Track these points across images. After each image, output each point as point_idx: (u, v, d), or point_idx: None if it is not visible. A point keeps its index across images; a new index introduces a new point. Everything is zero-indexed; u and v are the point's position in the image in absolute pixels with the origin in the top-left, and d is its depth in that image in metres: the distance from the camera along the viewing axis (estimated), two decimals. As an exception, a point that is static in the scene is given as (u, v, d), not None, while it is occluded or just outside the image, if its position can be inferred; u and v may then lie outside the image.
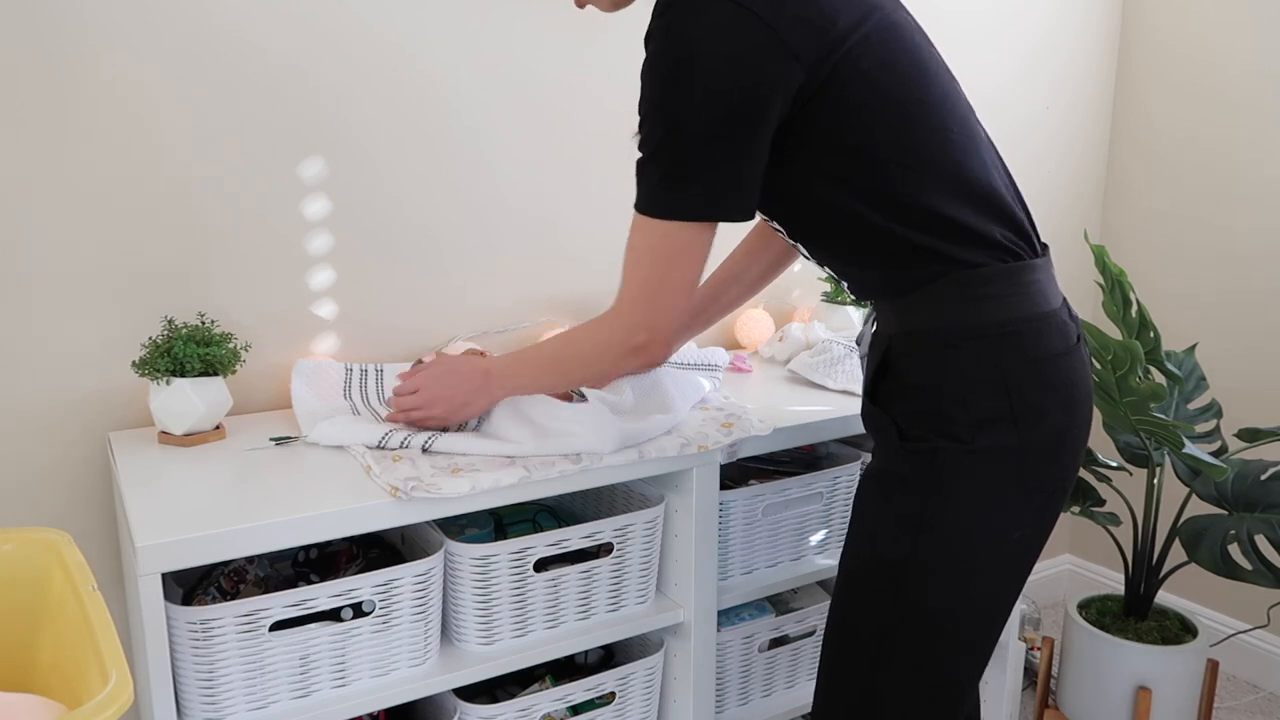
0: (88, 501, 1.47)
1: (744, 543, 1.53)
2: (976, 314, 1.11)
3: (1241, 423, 2.22)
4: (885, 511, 1.16)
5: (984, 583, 1.16)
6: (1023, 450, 1.11)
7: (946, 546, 1.13)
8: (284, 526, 1.11)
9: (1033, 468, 1.12)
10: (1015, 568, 1.18)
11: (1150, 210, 2.48)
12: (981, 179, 1.13)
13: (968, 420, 1.10)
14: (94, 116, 1.40)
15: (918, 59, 1.13)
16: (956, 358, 1.11)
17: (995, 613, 1.19)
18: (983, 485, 1.12)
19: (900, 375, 1.15)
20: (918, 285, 1.12)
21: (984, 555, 1.14)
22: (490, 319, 1.77)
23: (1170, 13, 2.38)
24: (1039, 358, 1.12)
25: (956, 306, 1.11)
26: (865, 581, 1.19)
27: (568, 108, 1.77)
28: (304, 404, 1.49)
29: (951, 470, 1.11)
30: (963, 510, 1.12)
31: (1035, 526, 1.16)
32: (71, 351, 1.44)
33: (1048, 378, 1.12)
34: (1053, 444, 1.13)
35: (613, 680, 1.43)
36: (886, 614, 1.16)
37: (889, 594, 1.16)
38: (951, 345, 1.11)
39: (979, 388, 1.10)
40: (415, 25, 1.61)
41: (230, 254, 1.53)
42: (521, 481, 1.23)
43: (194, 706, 1.14)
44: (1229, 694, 2.32)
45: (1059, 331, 1.14)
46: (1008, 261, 1.12)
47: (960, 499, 1.12)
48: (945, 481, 1.12)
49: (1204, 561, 1.82)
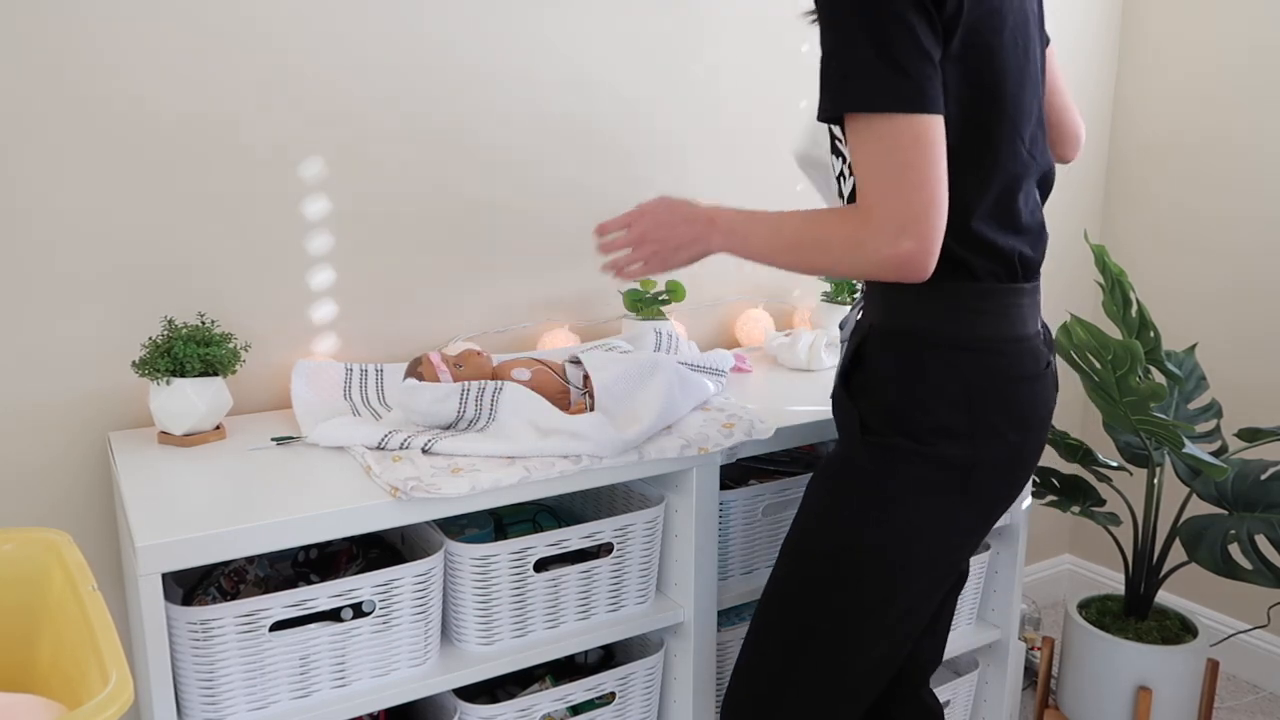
0: (88, 501, 1.47)
1: (744, 543, 1.53)
2: (962, 326, 1.13)
3: (1241, 423, 2.22)
4: (836, 499, 1.19)
5: (913, 583, 1.19)
6: (973, 465, 1.13)
7: (888, 542, 1.15)
8: (284, 526, 1.11)
9: (980, 481, 1.15)
10: (944, 573, 1.22)
11: (1150, 210, 2.48)
12: (1022, 201, 1.14)
13: (927, 425, 1.12)
14: (94, 116, 1.40)
15: (1015, 52, 1.10)
16: (930, 363, 1.13)
17: (915, 613, 1.22)
18: (931, 489, 1.14)
19: (872, 368, 1.17)
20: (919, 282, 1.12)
21: (920, 557, 1.17)
22: (490, 319, 1.77)
23: (1170, 13, 2.38)
24: (1006, 380, 1.14)
25: (947, 314, 1.13)
26: (804, 563, 1.22)
27: (568, 107, 1.77)
28: (304, 404, 1.49)
29: (904, 470, 1.13)
30: (909, 510, 1.14)
31: (970, 537, 1.20)
32: (71, 351, 1.44)
33: (1009, 400, 1.14)
34: (1003, 462, 1.16)
35: (613, 680, 1.43)
36: (817, 596, 1.19)
37: (824, 579, 1.19)
38: (930, 349, 1.13)
39: (943, 397, 1.12)
40: (415, 24, 1.61)
41: (230, 254, 1.53)
42: (521, 481, 1.23)
43: (194, 706, 1.14)
44: (1229, 694, 2.32)
45: (1031, 356, 1.17)
46: (1004, 283, 1.14)
47: (908, 499, 1.14)
48: (898, 480, 1.14)
49: (1204, 561, 1.82)
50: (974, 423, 1.12)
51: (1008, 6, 1.09)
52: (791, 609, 1.22)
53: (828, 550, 1.19)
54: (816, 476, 1.23)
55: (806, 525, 1.23)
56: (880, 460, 1.14)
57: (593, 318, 1.86)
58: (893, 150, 1.00)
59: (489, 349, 1.73)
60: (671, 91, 1.86)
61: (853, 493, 1.17)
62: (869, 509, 1.16)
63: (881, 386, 1.16)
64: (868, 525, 1.16)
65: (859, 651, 1.20)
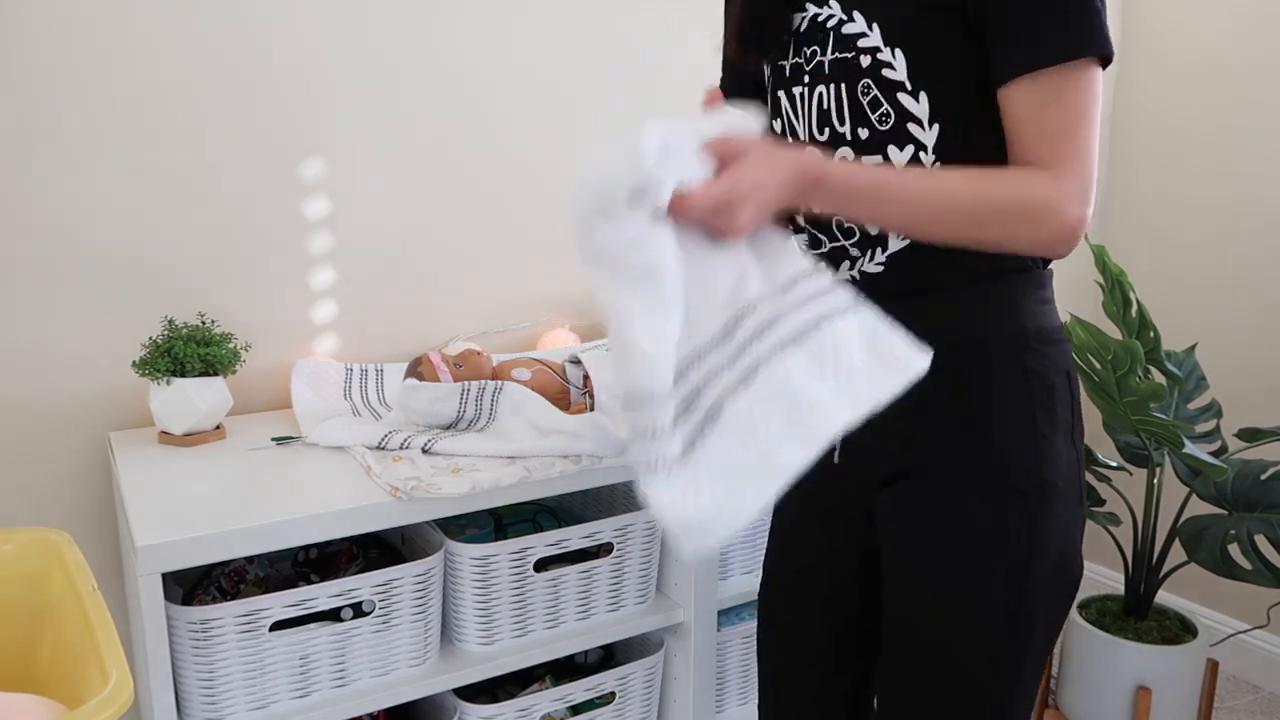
0: (88, 501, 1.47)
1: (744, 543, 1.53)
2: (1045, 317, 1.01)
3: (1241, 423, 2.22)
4: (985, 544, 0.98)
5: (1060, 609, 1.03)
6: (1079, 464, 1.02)
7: (1049, 578, 0.99)
8: (284, 526, 1.11)
9: (1080, 483, 1.03)
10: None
11: (1150, 210, 2.48)
12: None
13: (1053, 435, 0.99)
14: (94, 117, 1.40)
15: None
16: (1041, 365, 0.99)
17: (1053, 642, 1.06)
18: (1070, 510, 1.00)
19: (981, 388, 0.99)
20: (991, 276, 0.98)
21: (1069, 580, 1.02)
22: (490, 319, 1.77)
23: (1170, 11, 2.38)
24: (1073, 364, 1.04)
25: (1030, 308, 1.00)
26: (982, 627, 0.99)
27: (568, 108, 1.77)
28: (304, 404, 1.49)
29: (1049, 500, 0.98)
30: (1060, 535, 0.99)
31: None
32: (71, 351, 1.44)
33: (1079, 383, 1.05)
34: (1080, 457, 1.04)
35: (613, 680, 1.43)
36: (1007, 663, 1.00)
37: (1008, 640, 0.99)
38: (1032, 350, 0.99)
39: (1059, 397, 1.00)
40: (416, 24, 1.61)
41: (230, 254, 1.53)
42: (521, 481, 1.23)
43: (194, 706, 1.14)
44: (1229, 694, 2.32)
45: None
46: (1047, 267, 1.03)
47: (1060, 530, 0.99)
48: (1045, 514, 0.98)
49: (1204, 561, 1.82)
50: (1074, 416, 1.01)
51: None
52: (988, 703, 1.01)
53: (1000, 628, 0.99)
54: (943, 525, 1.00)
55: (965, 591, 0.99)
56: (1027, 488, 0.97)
57: (593, 318, 1.86)
58: (1093, 105, 0.91)
59: (489, 349, 1.72)
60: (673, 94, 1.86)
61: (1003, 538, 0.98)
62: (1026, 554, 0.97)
63: (1004, 404, 0.98)
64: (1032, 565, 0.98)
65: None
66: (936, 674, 1.01)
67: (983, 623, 0.98)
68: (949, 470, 0.99)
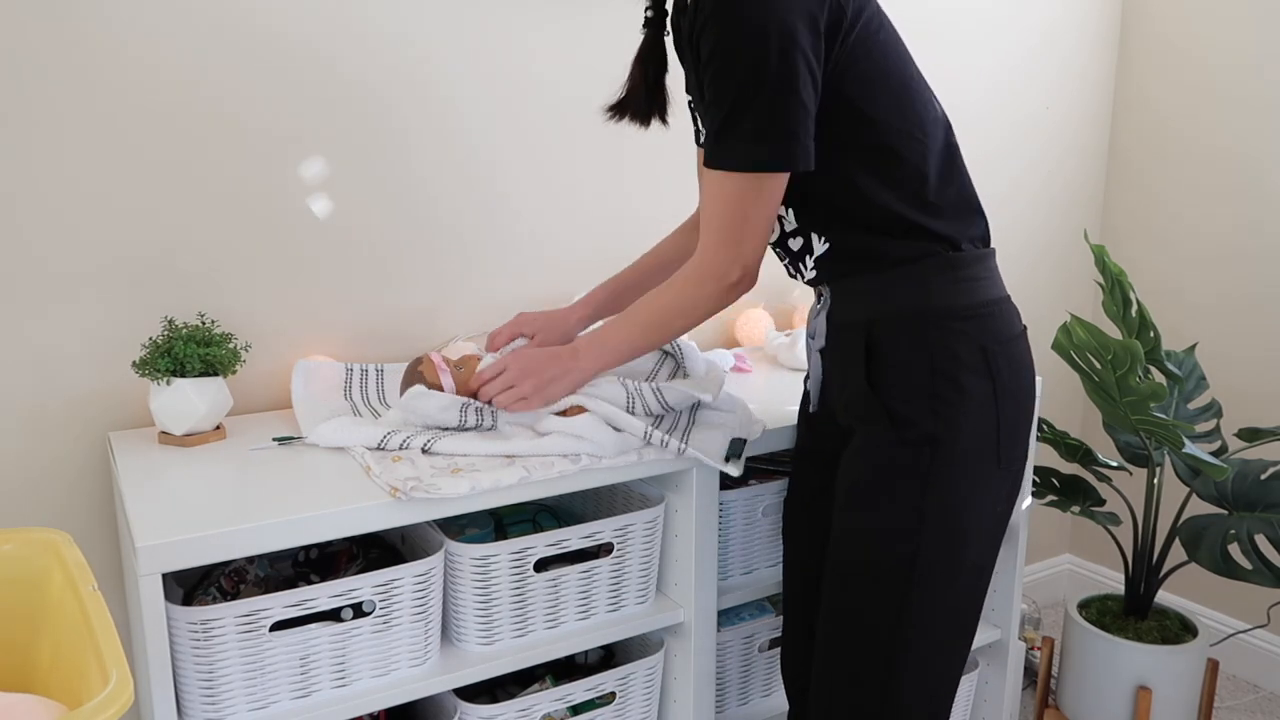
0: (88, 501, 1.47)
1: (744, 543, 1.53)
2: (958, 295, 1.17)
3: (1241, 423, 2.22)
4: (888, 503, 1.18)
5: (975, 558, 1.21)
6: (999, 430, 1.17)
7: (948, 533, 1.17)
8: (284, 526, 1.11)
9: (1007, 447, 1.18)
10: (995, 544, 1.24)
11: (1150, 210, 2.48)
12: (964, 167, 1.22)
13: (960, 401, 1.15)
14: (94, 115, 1.40)
15: (904, 48, 1.21)
16: (945, 339, 1.16)
17: (981, 591, 1.24)
18: (972, 467, 1.17)
19: (887, 359, 1.18)
20: (899, 264, 1.17)
21: (974, 535, 1.19)
22: (490, 319, 1.77)
23: (1171, 11, 2.38)
24: (1008, 337, 1.19)
25: (940, 288, 1.17)
26: (873, 576, 1.19)
27: (569, 108, 1.77)
28: (304, 404, 1.49)
29: (945, 456, 1.15)
30: (959, 493, 1.17)
31: (1006, 506, 1.23)
32: (72, 351, 1.44)
33: (1015, 357, 1.19)
34: (1019, 423, 1.20)
35: (613, 680, 1.43)
36: (899, 607, 1.18)
37: (900, 586, 1.17)
38: (939, 326, 1.16)
39: (968, 367, 1.15)
40: (418, 24, 1.61)
41: (230, 254, 1.53)
42: (521, 481, 1.23)
43: (194, 706, 1.14)
44: (1229, 694, 2.32)
45: (1014, 315, 1.23)
46: (978, 248, 1.21)
47: (954, 483, 1.16)
48: (939, 468, 1.15)
49: (1204, 561, 1.82)
50: (996, 385, 1.16)
51: None
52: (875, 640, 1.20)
53: (893, 576, 1.18)
54: (857, 488, 1.21)
55: (863, 543, 1.20)
56: (920, 454, 1.15)
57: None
58: (741, 201, 1.15)
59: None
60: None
61: (902, 497, 1.17)
62: (920, 509, 1.16)
63: (903, 374, 1.17)
64: (925, 522, 1.16)
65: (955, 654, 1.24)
66: (837, 607, 1.23)
67: (876, 559, 1.18)
68: (864, 426, 1.20)
